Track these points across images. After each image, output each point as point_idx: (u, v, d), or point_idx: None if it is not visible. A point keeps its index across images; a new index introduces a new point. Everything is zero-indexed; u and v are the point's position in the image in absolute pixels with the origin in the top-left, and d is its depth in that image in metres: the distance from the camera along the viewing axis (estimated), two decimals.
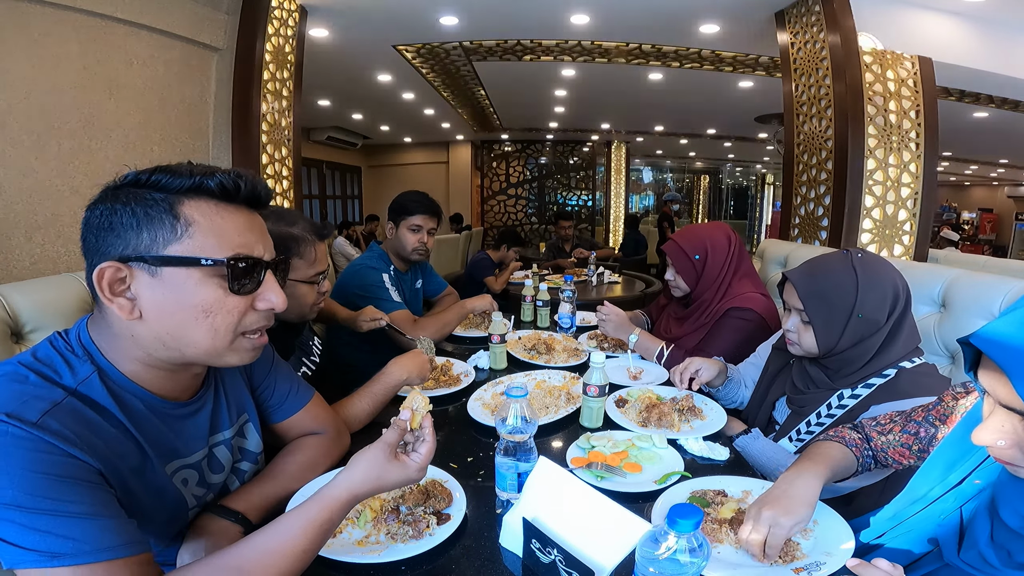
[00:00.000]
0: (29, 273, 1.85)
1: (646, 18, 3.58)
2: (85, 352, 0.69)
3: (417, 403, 0.83)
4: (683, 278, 1.76)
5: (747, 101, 5.65)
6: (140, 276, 0.67)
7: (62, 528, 0.56)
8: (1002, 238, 13.49)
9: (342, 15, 3.45)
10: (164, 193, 0.67)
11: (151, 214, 0.66)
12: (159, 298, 0.67)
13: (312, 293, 1.37)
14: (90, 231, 0.67)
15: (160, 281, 0.67)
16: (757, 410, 1.40)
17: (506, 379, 1.52)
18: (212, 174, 0.69)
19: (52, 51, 1.90)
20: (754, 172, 14.21)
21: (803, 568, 0.78)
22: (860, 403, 1.16)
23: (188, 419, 0.79)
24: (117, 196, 0.67)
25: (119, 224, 0.66)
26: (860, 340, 1.15)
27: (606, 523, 0.73)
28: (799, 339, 1.22)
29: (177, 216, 0.67)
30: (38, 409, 0.60)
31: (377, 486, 0.75)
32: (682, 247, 1.75)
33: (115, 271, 0.66)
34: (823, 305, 1.16)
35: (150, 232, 0.66)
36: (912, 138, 2.78)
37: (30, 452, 0.57)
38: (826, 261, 1.21)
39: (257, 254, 0.73)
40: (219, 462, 0.86)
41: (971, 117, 5.71)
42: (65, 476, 0.58)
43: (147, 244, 0.66)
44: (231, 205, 0.72)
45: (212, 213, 0.69)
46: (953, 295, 1.42)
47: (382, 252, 2.11)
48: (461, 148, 9.67)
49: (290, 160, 3.00)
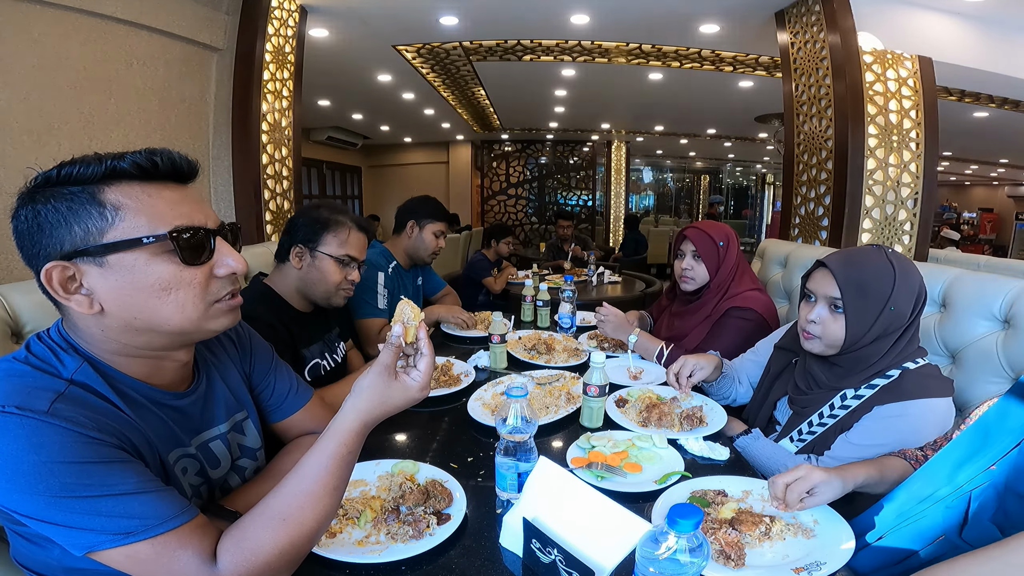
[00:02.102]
0: (29, 273, 1.84)
1: (646, 18, 3.58)
2: (70, 346, 0.70)
3: (407, 315, 0.79)
4: (706, 263, 1.75)
5: (747, 101, 5.64)
6: (89, 270, 0.67)
7: (120, 508, 0.59)
8: (1002, 238, 13.48)
9: (342, 15, 3.45)
10: (80, 185, 0.66)
11: (75, 208, 0.65)
12: (114, 286, 0.67)
13: (337, 273, 1.43)
14: (22, 239, 0.67)
15: (110, 270, 0.67)
16: (758, 410, 1.40)
17: (517, 378, 1.52)
18: (123, 156, 0.68)
19: (52, 51, 1.90)
20: (754, 172, 14.21)
21: (803, 568, 0.78)
22: (863, 404, 1.15)
23: (182, 408, 0.79)
24: (35, 198, 0.66)
25: (47, 223, 0.65)
26: (884, 334, 1.14)
27: (606, 523, 0.73)
28: (823, 331, 1.18)
29: (103, 204, 0.66)
30: (45, 399, 0.61)
31: (383, 410, 0.75)
32: (708, 233, 1.76)
33: (62, 270, 0.66)
34: (860, 294, 1.14)
35: (81, 225, 0.65)
36: (912, 138, 2.78)
37: (54, 437, 0.58)
38: (863, 252, 1.19)
39: (199, 223, 0.71)
40: (215, 457, 0.85)
41: (971, 117, 5.71)
42: (98, 460, 0.60)
43: (82, 237, 0.65)
44: (155, 183, 0.71)
45: (138, 193, 0.68)
46: (953, 295, 1.42)
47: (383, 249, 2.11)
48: (461, 148, 9.67)
49: (290, 160, 3.00)
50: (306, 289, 1.45)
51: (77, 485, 0.58)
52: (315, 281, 1.44)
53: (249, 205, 2.67)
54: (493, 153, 9.85)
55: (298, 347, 1.42)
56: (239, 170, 2.67)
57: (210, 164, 2.64)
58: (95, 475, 0.59)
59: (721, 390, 1.51)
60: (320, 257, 1.42)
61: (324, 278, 1.42)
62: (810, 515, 0.91)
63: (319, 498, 0.69)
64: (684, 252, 1.79)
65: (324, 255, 1.42)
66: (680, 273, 1.81)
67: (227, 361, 0.92)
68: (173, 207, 0.70)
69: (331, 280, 1.43)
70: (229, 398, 0.89)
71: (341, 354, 1.62)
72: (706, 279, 1.77)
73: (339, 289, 1.45)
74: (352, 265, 1.47)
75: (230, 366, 0.92)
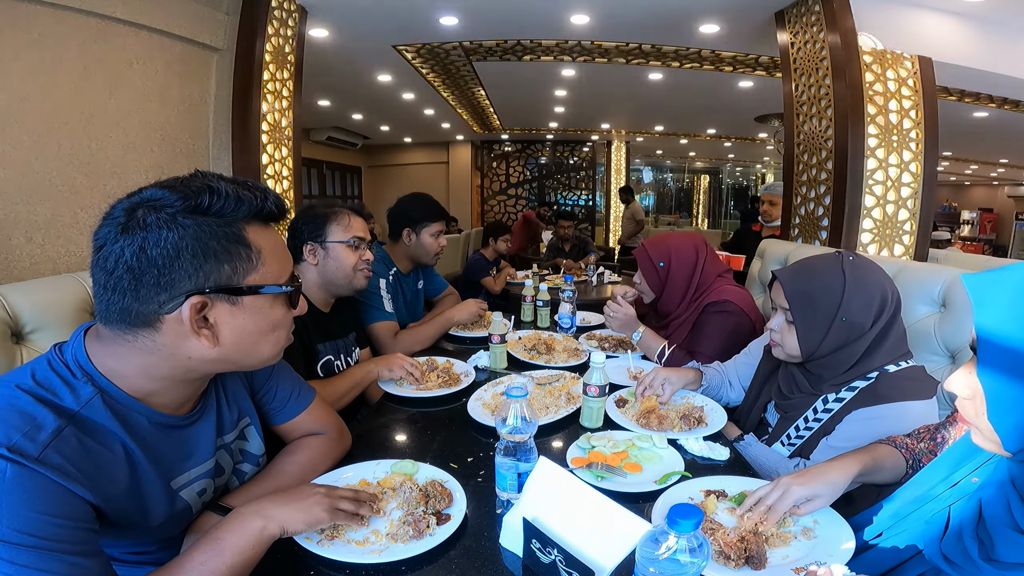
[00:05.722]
0: (29, 273, 1.85)
1: (646, 18, 3.57)
2: (84, 373, 0.68)
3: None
4: (648, 283, 1.80)
5: (747, 101, 5.64)
6: (220, 306, 0.68)
7: (44, 563, 0.55)
8: (1002, 238, 13.48)
9: (342, 15, 3.45)
10: (229, 220, 0.68)
11: (227, 245, 0.67)
12: (238, 325, 0.70)
13: (351, 255, 1.52)
14: (152, 262, 0.63)
15: (241, 309, 0.69)
16: (749, 413, 1.39)
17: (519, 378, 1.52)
18: (265, 197, 0.71)
19: (52, 51, 1.90)
20: (754, 172, 14.21)
21: (803, 568, 0.78)
22: (843, 407, 1.14)
23: (192, 429, 0.80)
24: (180, 223, 0.64)
25: (189, 253, 0.64)
26: (843, 345, 1.13)
27: (606, 523, 0.73)
28: (782, 340, 1.20)
29: (249, 245, 0.69)
30: (40, 442, 0.59)
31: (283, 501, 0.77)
32: (648, 253, 1.78)
33: (201, 305, 0.66)
34: (808, 305, 1.14)
35: (231, 263, 0.67)
36: (912, 138, 2.78)
37: (28, 490, 0.56)
38: (816, 262, 1.20)
39: (295, 270, 0.77)
40: (220, 467, 0.86)
41: (971, 117, 5.70)
42: (59, 515, 0.58)
43: (228, 275, 0.67)
44: (272, 226, 0.75)
45: (267, 237, 0.72)
46: (953, 295, 1.42)
47: (383, 255, 2.10)
48: (461, 148, 9.67)
49: (290, 160, 2.99)
50: (328, 281, 1.53)
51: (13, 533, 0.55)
52: (334, 270, 1.51)
53: None
54: (493, 153, 9.85)
55: (313, 341, 1.46)
56: (239, 170, 2.67)
57: (210, 164, 2.64)
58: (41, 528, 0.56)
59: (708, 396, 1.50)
60: (331, 247, 1.51)
61: (341, 264, 1.51)
62: (810, 515, 0.91)
63: None
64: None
65: (334, 243, 1.51)
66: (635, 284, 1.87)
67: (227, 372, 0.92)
68: (285, 253, 0.76)
69: (347, 263, 1.51)
70: (232, 408, 0.90)
71: (355, 359, 1.66)
72: (652, 296, 1.81)
73: (357, 270, 1.53)
74: (363, 246, 1.55)
75: (232, 374, 0.91)
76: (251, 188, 0.70)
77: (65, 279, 1.22)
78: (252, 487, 0.90)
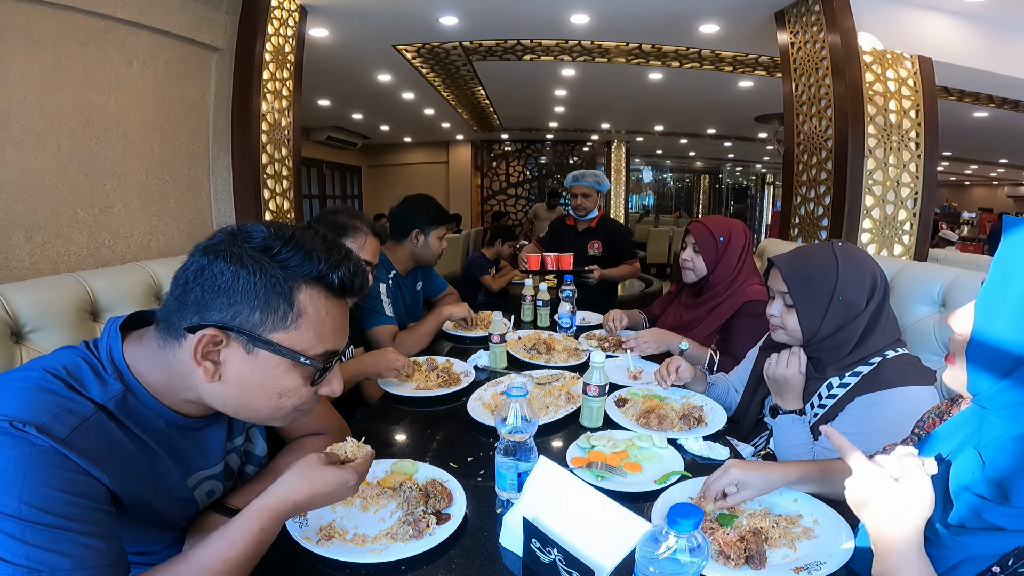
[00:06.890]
0: (29, 273, 1.84)
1: (646, 18, 3.57)
2: (115, 370, 0.69)
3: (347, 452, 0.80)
4: (704, 257, 1.82)
5: (747, 101, 5.64)
6: (235, 347, 0.67)
7: (56, 543, 0.56)
8: None
9: (342, 15, 3.45)
10: (288, 274, 0.67)
11: (270, 296, 0.66)
12: (246, 373, 0.68)
13: None
14: (201, 283, 0.65)
15: (253, 359, 0.68)
16: (746, 410, 1.41)
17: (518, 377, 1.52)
18: (338, 265, 0.69)
19: (52, 51, 1.90)
20: (754, 172, 14.21)
21: (803, 568, 0.78)
22: (848, 393, 1.17)
23: (205, 431, 0.80)
24: (242, 259, 0.65)
25: (233, 292, 0.65)
26: (842, 325, 1.17)
27: (606, 523, 0.73)
28: (783, 323, 1.23)
29: (292, 304, 0.67)
30: (68, 424, 0.60)
31: (311, 490, 0.73)
32: (709, 228, 1.83)
33: (217, 339, 0.66)
34: (806, 287, 1.18)
35: (263, 312, 0.66)
36: (912, 138, 2.78)
37: (50, 466, 0.57)
38: (809, 248, 1.26)
39: (340, 348, 0.74)
40: (230, 468, 0.87)
41: (971, 117, 5.71)
42: (77, 495, 0.58)
43: (256, 323, 0.66)
44: (338, 299, 0.72)
45: (321, 307, 0.69)
46: (953, 295, 1.42)
47: (382, 258, 2.10)
48: (461, 148, 9.67)
49: (290, 160, 2.99)
50: None
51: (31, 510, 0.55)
52: None
53: (249, 205, 2.67)
54: (493, 153, 9.85)
55: None
56: (239, 170, 2.67)
57: (210, 164, 2.64)
58: (62, 507, 0.57)
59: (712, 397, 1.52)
60: None
61: None
62: (810, 515, 0.91)
63: (216, 573, 0.65)
64: (687, 244, 1.88)
65: None
66: (682, 263, 1.89)
67: None
68: (335, 331, 0.72)
69: None
70: None
71: (349, 357, 1.65)
72: (704, 272, 1.83)
73: None
74: (368, 269, 1.52)
75: None
76: (330, 253, 0.69)
77: (65, 279, 1.22)
78: (253, 486, 0.90)
